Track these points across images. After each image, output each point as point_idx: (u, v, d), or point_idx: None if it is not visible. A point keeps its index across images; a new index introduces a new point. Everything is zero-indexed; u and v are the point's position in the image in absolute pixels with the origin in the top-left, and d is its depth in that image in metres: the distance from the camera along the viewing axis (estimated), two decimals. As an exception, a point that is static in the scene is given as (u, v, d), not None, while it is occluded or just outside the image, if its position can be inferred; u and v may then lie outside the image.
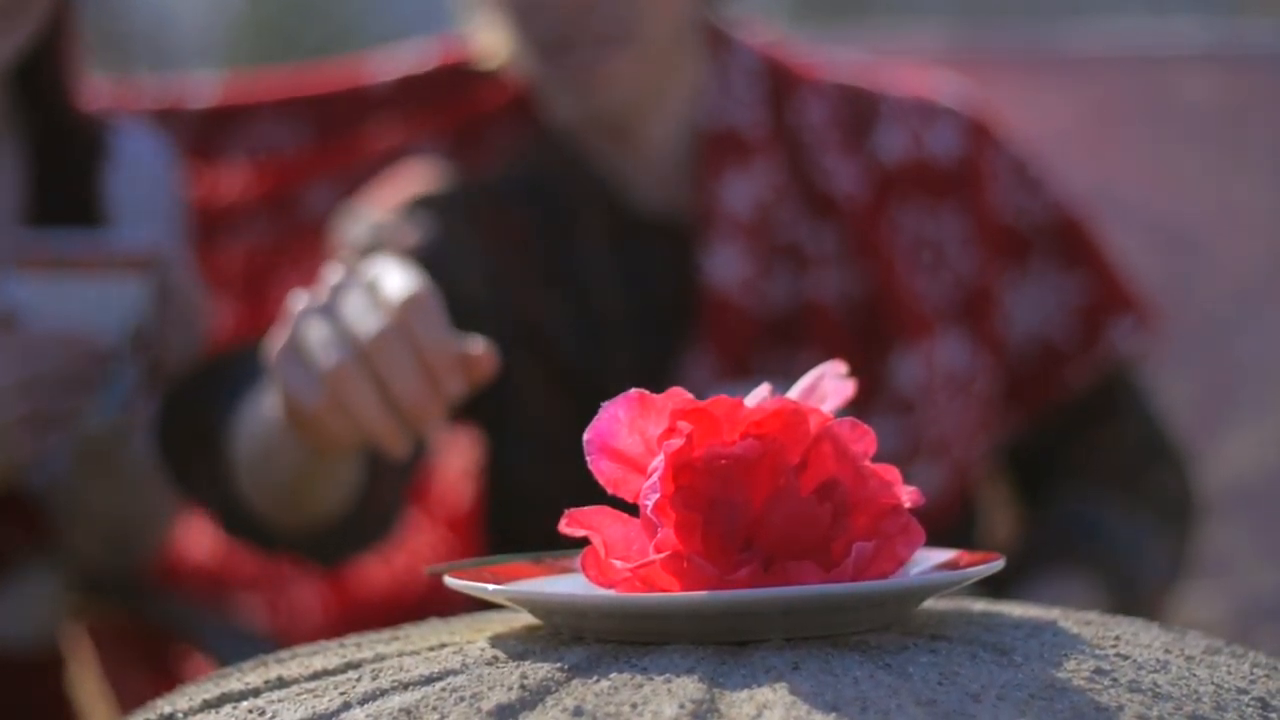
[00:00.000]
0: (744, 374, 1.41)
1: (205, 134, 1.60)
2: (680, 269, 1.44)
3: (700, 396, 0.73)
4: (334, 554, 1.29)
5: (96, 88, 1.57)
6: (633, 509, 0.73)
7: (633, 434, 0.73)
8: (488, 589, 0.74)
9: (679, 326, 1.44)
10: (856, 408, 1.39)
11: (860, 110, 1.50)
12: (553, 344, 1.43)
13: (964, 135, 1.50)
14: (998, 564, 0.75)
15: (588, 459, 0.74)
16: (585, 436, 0.73)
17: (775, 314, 1.44)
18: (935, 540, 1.42)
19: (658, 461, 0.71)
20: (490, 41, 1.52)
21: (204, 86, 1.66)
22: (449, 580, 0.76)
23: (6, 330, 1.27)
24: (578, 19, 1.40)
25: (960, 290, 1.47)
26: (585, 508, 0.73)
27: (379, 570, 1.61)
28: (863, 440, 0.72)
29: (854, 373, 1.40)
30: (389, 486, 1.25)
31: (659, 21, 1.42)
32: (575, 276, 1.44)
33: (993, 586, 1.43)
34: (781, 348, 1.43)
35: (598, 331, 1.44)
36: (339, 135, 1.61)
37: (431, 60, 1.61)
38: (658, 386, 0.74)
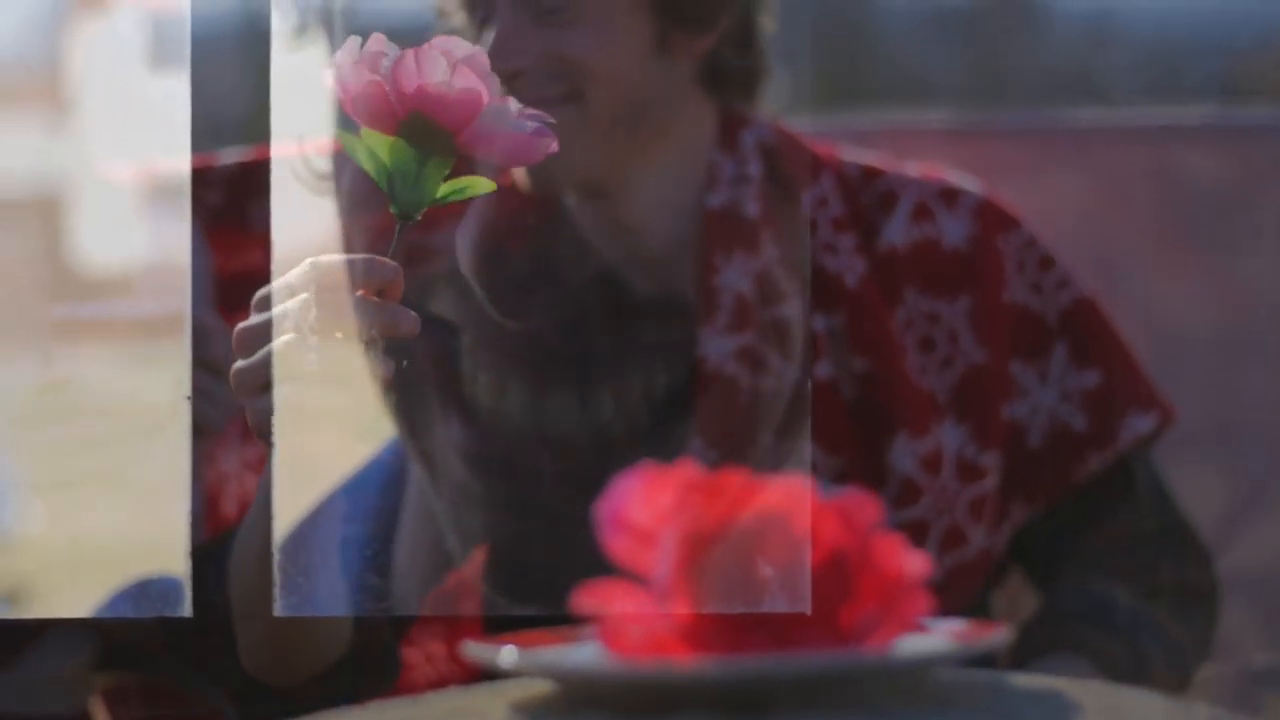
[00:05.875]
0: (745, 461, 1.38)
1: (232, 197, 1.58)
2: (677, 351, 1.41)
3: None
4: (344, 690, 1.19)
5: None
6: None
7: (644, 507, 0.74)
8: (507, 657, 0.76)
9: (680, 413, 1.41)
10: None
11: (876, 192, 1.50)
12: (562, 441, 1.37)
13: (979, 220, 1.50)
14: (1004, 635, 0.77)
15: (600, 533, 0.75)
16: (598, 511, 0.75)
17: (776, 398, 1.42)
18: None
19: (668, 534, 0.73)
20: None
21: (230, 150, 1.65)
22: (467, 647, 0.78)
23: None
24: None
25: (973, 377, 1.46)
26: (599, 581, 0.74)
27: None
28: (868, 510, 0.73)
29: (855, 459, 1.42)
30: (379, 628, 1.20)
31: (608, 87, 1.34)
32: (581, 366, 1.40)
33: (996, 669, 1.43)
34: (781, 432, 1.42)
35: (609, 424, 1.39)
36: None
37: None
38: None
